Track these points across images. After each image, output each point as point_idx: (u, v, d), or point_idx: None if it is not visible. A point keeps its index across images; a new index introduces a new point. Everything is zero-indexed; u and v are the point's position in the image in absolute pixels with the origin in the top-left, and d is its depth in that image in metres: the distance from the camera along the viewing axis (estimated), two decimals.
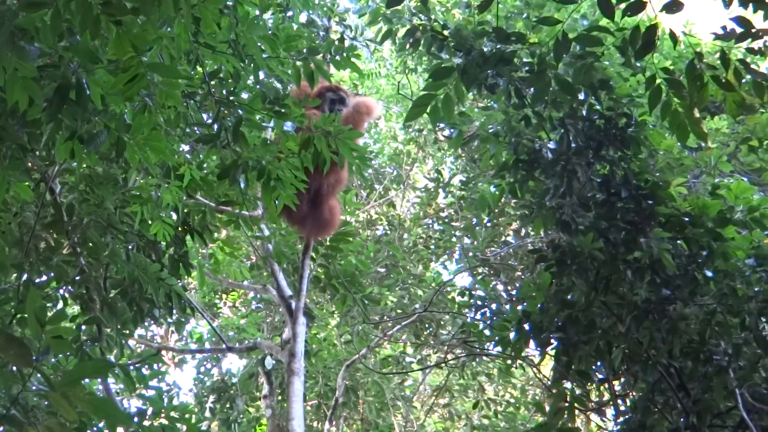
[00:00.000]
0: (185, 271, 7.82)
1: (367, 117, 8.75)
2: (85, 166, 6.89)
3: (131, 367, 7.66)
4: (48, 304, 7.14)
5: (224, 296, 17.01)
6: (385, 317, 14.91)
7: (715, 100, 6.55)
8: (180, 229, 7.57)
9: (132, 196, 6.83)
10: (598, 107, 7.70)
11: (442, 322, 15.29)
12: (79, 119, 5.01)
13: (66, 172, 7.14)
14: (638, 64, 7.13)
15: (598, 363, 7.96)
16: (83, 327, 7.22)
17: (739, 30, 6.15)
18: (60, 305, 7.49)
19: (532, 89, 7.25)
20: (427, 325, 15.48)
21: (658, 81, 6.57)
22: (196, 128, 6.37)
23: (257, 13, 6.33)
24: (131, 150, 5.24)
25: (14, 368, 4.87)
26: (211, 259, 10.49)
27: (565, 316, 7.69)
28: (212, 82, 5.96)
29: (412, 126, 15.67)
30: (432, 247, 15.61)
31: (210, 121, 6.08)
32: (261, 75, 6.25)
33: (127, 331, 7.47)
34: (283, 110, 6.13)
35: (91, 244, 7.17)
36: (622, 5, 6.06)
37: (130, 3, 4.48)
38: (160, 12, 4.54)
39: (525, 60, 7.33)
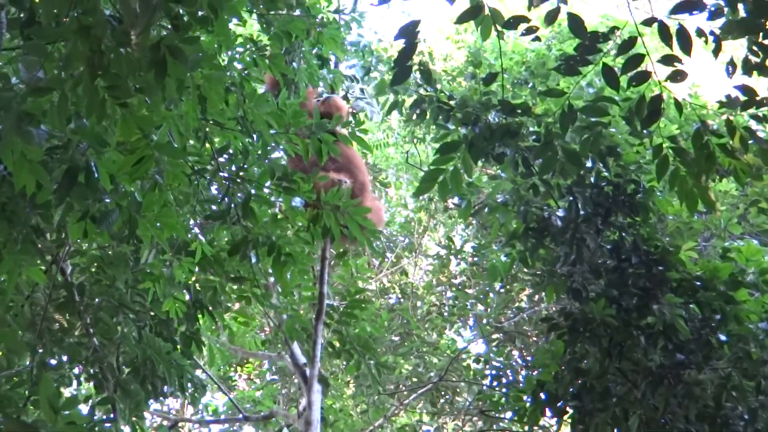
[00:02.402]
0: (197, 348, 7.82)
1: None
2: (95, 247, 6.94)
3: None
4: (61, 386, 7.16)
5: (239, 369, 16.97)
6: (401, 386, 14.86)
7: (722, 167, 6.58)
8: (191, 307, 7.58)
9: (144, 273, 6.86)
10: (605, 174, 7.73)
11: (458, 390, 15.22)
12: (90, 199, 5.06)
13: (77, 254, 7.19)
14: (645, 131, 7.16)
15: (615, 430, 7.89)
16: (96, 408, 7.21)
17: (743, 98, 6.20)
18: (74, 385, 7.49)
19: (539, 160, 7.28)
20: (443, 393, 15.41)
21: (664, 150, 6.60)
22: (209, 205, 6.40)
23: (263, 89, 6.41)
24: (144, 227, 5.29)
25: None
26: (226, 330, 10.47)
27: (580, 384, 7.65)
28: (221, 159, 6.02)
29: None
30: (445, 314, 15.57)
31: (219, 197, 6.14)
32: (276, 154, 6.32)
33: (141, 412, 7.44)
34: (291, 185, 6.17)
35: (103, 325, 7.19)
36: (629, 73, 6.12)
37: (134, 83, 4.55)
38: (165, 94, 4.60)
39: (531, 129, 7.38)
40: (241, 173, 6.09)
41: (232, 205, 6.10)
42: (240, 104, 5.89)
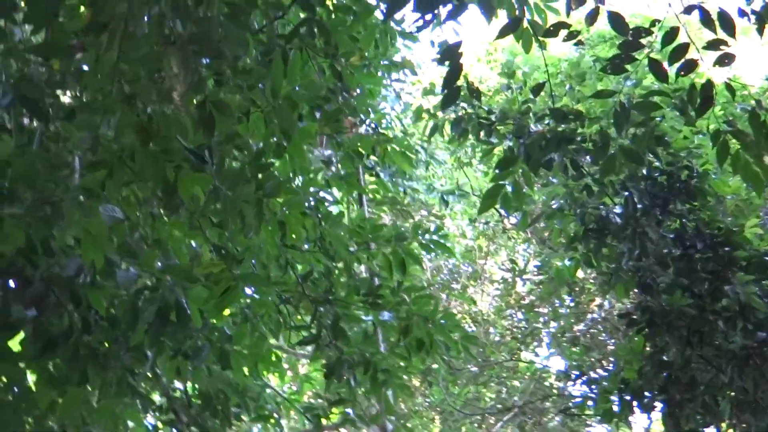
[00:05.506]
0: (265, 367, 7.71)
1: None
2: None
3: None
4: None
5: None
6: (485, 414, 14.79)
7: None
8: None
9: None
10: (657, 164, 7.69)
11: (544, 410, 15.11)
12: (182, 337, 5.18)
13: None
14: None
15: (707, 418, 7.81)
16: None
17: None
18: None
19: (597, 164, 7.18)
20: (529, 417, 15.30)
21: (722, 135, 6.51)
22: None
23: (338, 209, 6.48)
24: (237, 360, 5.47)
25: None
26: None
27: (665, 377, 7.59)
28: (306, 283, 6.06)
29: (479, 220, 15.68)
30: (519, 336, 15.46)
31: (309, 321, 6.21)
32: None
33: None
34: (377, 300, 6.19)
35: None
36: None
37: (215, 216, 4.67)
38: (245, 222, 4.69)
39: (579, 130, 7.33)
40: (327, 295, 6.14)
41: (322, 328, 6.14)
42: (317, 226, 5.93)
